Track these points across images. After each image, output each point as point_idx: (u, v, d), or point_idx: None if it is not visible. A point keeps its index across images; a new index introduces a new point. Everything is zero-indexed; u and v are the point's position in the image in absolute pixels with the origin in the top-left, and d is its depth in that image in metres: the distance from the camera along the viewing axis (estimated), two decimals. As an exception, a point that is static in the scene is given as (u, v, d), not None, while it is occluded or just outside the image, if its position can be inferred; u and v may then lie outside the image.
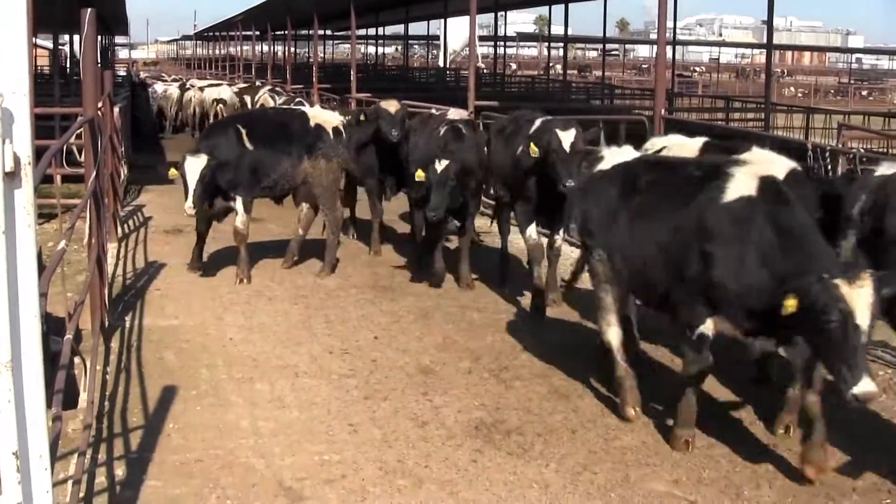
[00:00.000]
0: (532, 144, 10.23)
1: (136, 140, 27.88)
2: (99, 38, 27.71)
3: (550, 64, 59.63)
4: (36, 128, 3.34)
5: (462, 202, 11.51)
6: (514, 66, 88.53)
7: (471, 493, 6.47)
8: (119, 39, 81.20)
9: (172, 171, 11.57)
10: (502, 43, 54.94)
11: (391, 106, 13.54)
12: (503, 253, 12.42)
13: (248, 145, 12.06)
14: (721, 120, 29.02)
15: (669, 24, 27.03)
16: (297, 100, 22.90)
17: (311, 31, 42.50)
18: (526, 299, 11.28)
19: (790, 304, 5.93)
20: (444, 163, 11.08)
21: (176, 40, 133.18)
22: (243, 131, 12.13)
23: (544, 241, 11.36)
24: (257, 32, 53.67)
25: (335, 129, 12.84)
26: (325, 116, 13.21)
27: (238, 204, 12.12)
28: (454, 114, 13.60)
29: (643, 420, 7.76)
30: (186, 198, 11.40)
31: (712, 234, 6.71)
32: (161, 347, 9.42)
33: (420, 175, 11.29)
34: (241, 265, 12.23)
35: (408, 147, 13.15)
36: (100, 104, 11.51)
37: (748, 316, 6.61)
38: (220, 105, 29.70)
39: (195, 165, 11.33)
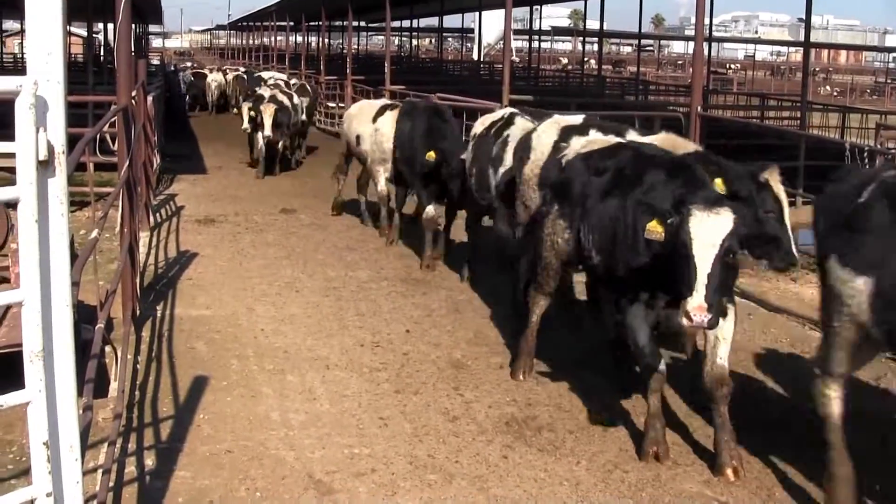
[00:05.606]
0: None
1: (168, 122, 28.29)
2: (133, 26, 27.93)
3: (585, 59, 59.38)
4: (69, 116, 3.29)
5: None
6: (564, 61, 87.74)
7: (501, 489, 6.43)
8: (153, 28, 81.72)
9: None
10: (537, 37, 54.87)
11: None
12: None
13: None
14: (756, 118, 28.85)
15: (706, 20, 26.86)
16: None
17: (345, 23, 42.46)
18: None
19: None
20: None
21: (210, 30, 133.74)
22: None
23: None
24: (291, 23, 53.70)
25: None
26: None
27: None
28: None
29: (675, 420, 7.69)
30: None
31: None
32: (192, 337, 9.42)
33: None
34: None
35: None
36: (133, 93, 11.52)
37: None
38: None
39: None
